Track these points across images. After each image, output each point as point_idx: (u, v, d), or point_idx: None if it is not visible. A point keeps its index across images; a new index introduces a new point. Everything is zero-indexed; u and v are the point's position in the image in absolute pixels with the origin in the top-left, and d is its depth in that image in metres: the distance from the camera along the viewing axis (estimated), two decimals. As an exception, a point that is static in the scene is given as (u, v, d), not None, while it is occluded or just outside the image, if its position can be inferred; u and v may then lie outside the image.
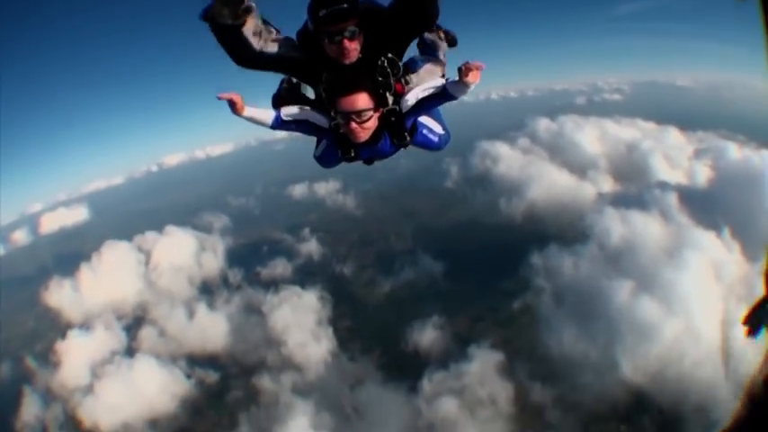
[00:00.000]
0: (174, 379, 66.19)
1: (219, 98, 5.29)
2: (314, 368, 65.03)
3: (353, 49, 5.20)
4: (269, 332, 71.67)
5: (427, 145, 6.51)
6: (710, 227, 67.24)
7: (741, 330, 2.92)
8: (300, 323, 71.69)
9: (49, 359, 72.49)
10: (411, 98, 5.64)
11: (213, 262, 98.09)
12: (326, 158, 6.65)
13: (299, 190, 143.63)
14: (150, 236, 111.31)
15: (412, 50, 6.09)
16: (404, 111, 5.67)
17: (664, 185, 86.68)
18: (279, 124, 5.70)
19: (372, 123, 5.40)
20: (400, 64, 5.61)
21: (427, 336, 65.79)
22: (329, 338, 69.02)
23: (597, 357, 56.08)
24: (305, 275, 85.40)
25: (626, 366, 54.06)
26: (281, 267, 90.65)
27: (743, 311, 2.84)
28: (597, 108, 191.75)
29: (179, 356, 70.68)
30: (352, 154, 5.99)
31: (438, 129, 6.56)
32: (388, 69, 5.50)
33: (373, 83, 5.39)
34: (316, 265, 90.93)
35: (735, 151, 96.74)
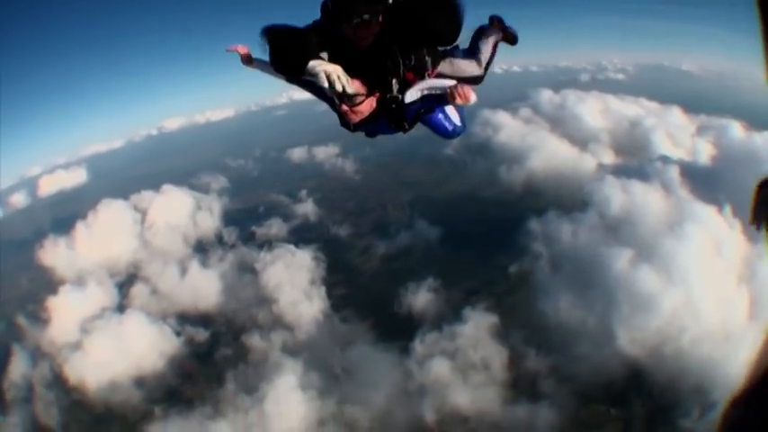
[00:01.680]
0: (163, 337, 65.45)
1: (229, 50, 5.73)
2: (305, 328, 64.07)
3: (368, 35, 5.20)
4: (261, 290, 70.82)
5: (439, 130, 6.49)
6: (712, 202, 65.63)
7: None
8: (293, 281, 70.81)
9: (40, 317, 71.78)
10: (415, 92, 5.57)
11: (209, 221, 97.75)
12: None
13: (297, 154, 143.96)
14: (147, 195, 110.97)
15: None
16: (406, 101, 5.58)
17: (665, 159, 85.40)
18: (290, 80, 5.85)
19: (365, 108, 5.46)
20: (426, 57, 5.62)
21: (421, 298, 64.73)
22: (322, 298, 68.03)
23: (594, 327, 54.76)
24: (300, 236, 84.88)
25: (623, 338, 52.59)
26: (276, 227, 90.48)
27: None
28: (601, 86, 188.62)
29: (170, 314, 69.91)
30: (351, 128, 5.93)
31: (455, 118, 6.51)
32: (399, 58, 5.41)
33: (381, 68, 5.38)
34: (311, 226, 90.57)
35: (738, 130, 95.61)
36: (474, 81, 6.10)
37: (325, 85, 5.15)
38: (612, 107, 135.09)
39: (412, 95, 5.54)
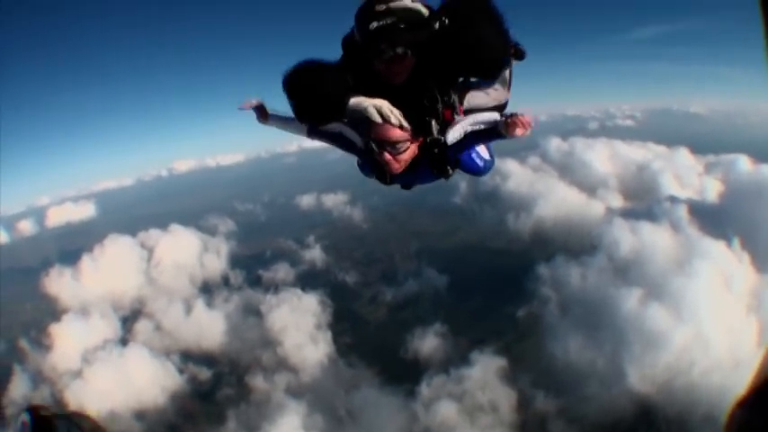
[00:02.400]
0: (166, 373, 64.76)
1: (242, 109, 5.01)
2: (309, 370, 63.18)
3: (402, 71, 4.51)
4: (266, 332, 70.01)
5: (471, 169, 5.72)
6: (720, 237, 65.08)
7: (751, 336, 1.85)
8: (299, 325, 69.96)
9: (42, 343, 71.51)
10: (458, 131, 4.83)
11: (215, 263, 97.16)
12: (368, 170, 5.68)
13: (306, 200, 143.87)
14: (154, 233, 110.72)
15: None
16: (449, 143, 4.83)
17: (674, 199, 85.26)
18: (313, 133, 5.27)
19: (409, 155, 4.74)
20: (453, 93, 4.83)
21: (428, 343, 64.11)
22: (327, 342, 67.33)
23: (603, 367, 53.90)
24: (307, 281, 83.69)
25: (633, 376, 51.59)
26: (283, 272, 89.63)
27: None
28: (610, 133, 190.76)
29: (173, 351, 69.31)
30: (388, 180, 5.24)
31: (485, 154, 5.85)
32: (438, 95, 4.70)
33: (418, 107, 4.68)
34: (319, 272, 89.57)
35: (745, 164, 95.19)
36: (501, 108, 5.22)
37: (378, 119, 4.50)
38: (620, 152, 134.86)
39: (455, 135, 4.81)
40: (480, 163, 5.68)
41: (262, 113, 5.13)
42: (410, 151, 4.70)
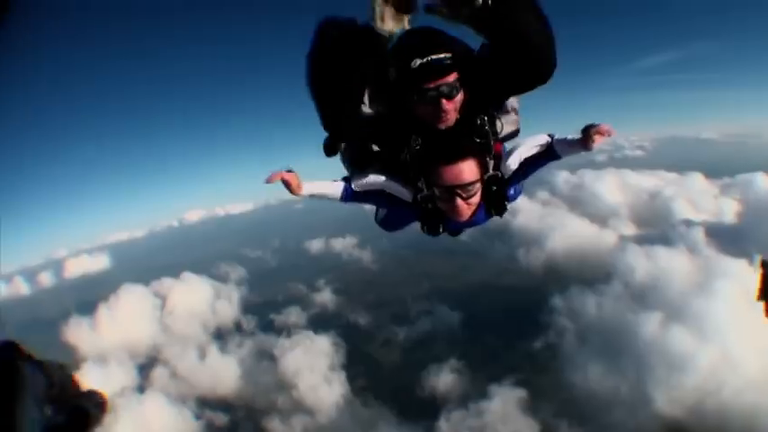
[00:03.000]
0: (183, 419, 64.02)
1: (269, 182, 3.91)
2: (326, 412, 62.01)
3: (453, 109, 3.89)
4: (280, 376, 69.20)
5: (510, 199, 4.88)
6: (742, 256, 62.93)
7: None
8: (312, 367, 69.09)
9: None
10: (514, 161, 4.40)
11: (228, 309, 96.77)
12: (393, 222, 5.57)
13: (316, 245, 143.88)
14: (167, 282, 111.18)
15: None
16: (506, 176, 4.40)
17: (689, 223, 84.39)
18: (350, 196, 4.46)
19: (478, 198, 4.13)
20: (501, 122, 4.34)
21: (444, 379, 62.81)
22: (342, 383, 66.09)
23: (628, 393, 52.20)
24: (319, 324, 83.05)
25: (660, 400, 50.15)
26: (294, 316, 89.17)
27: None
28: (618, 164, 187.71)
29: (189, 398, 68.64)
30: (441, 231, 4.73)
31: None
32: (488, 128, 4.20)
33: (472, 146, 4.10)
34: (330, 314, 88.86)
35: (763, 181, 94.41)
36: (517, 134, 4.73)
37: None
38: (630, 182, 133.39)
39: (511, 167, 4.38)
40: (511, 190, 4.87)
41: (294, 184, 4.08)
42: (479, 194, 4.10)
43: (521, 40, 3.49)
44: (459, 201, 3.97)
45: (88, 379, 65.27)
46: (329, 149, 4.50)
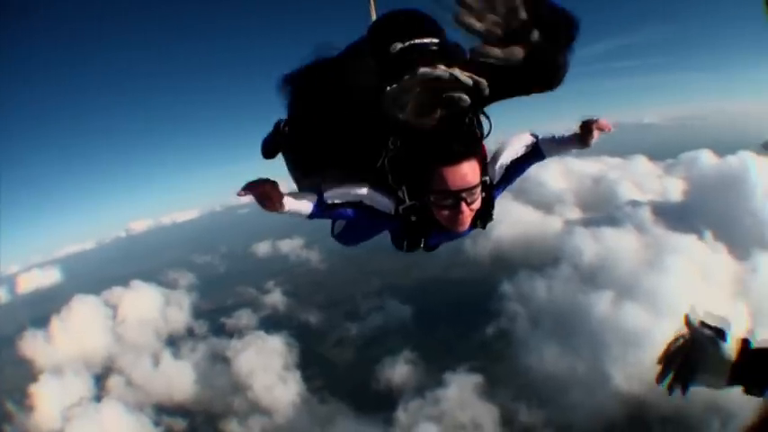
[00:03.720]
0: (141, 427, 63.01)
1: (244, 194, 3.30)
2: (283, 411, 61.27)
3: (475, 202, 3.55)
4: (235, 378, 68.56)
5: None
6: (690, 232, 65.05)
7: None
8: (266, 367, 68.62)
9: (26, 405, 70.14)
10: (501, 165, 4.00)
11: (179, 315, 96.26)
12: (356, 235, 4.93)
13: (262, 248, 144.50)
14: (117, 291, 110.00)
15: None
16: (494, 181, 3.96)
17: (635, 203, 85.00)
18: (320, 211, 3.72)
19: (479, 203, 3.59)
20: (489, 121, 3.69)
21: (399, 371, 62.52)
22: (297, 382, 65.76)
23: (585, 372, 52.25)
24: (270, 325, 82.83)
25: (618, 377, 49.90)
26: (245, 318, 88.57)
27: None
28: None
29: (147, 405, 67.55)
30: (422, 245, 4.16)
31: None
32: (477, 129, 3.60)
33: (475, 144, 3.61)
34: (281, 315, 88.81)
35: (708, 158, 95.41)
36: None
37: None
38: (574, 168, 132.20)
39: (498, 171, 3.91)
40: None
41: (276, 199, 3.37)
42: (480, 199, 3.52)
43: (553, 64, 3.07)
44: (464, 207, 3.41)
45: (47, 390, 67.80)
46: (270, 150, 4.24)
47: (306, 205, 3.58)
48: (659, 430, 45.42)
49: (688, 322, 2.48)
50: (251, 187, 3.22)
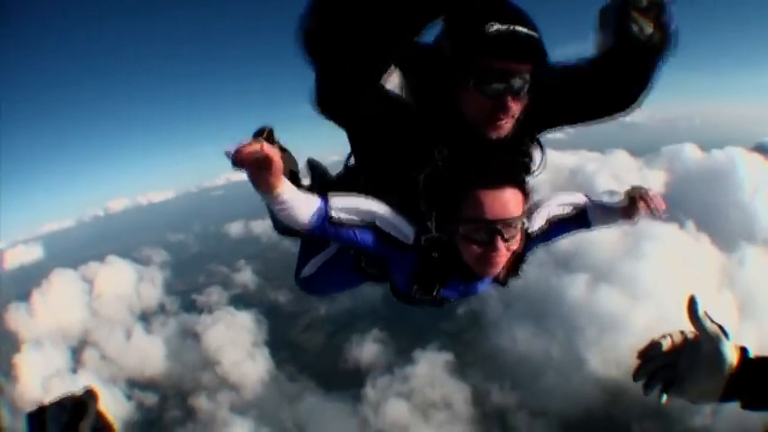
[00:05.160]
0: (115, 400, 61.29)
1: (239, 159, 2.24)
2: (251, 387, 60.62)
3: (513, 115, 2.70)
4: (204, 353, 67.94)
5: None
6: (670, 221, 62.67)
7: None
8: (235, 342, 68.03)
9: (11, 375, 68.84)
10: (544, 215, 3.31)
11: (151, 291, 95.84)
12: (332, 280, 3.94)
13: (235, 228, 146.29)
14: (94, 266, 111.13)
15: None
16: (531, 231, 3.20)
17: (613, 193, 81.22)
18: (322, 224, 2.75)
19: (518, 244, 2.75)
20: (545, 156, 3.17)
21: (368, 350, 61.98)
22: (265, 358, 65.04)
23: (560, 356, 51.27)
24: (240, 302, 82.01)
25: (594, 361, 48.80)
26: (216, 295, 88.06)
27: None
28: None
29: (120, 379, 67.16)
30: (435, 294, 3.13)
31: None
32: (529, 160, 3.12)
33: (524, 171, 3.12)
34: (251, 293, 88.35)
35: (692, 151, 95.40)
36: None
37: None
38: (552, 160, 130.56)
39: (537, 223, 3.18)
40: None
41: (276, 163, 2.32)
42: (520, 237, 2.72)
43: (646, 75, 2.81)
44: (500, 243, 2.55)
45: (28, 361, 69.91)
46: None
47: (306, 206, 2.61)
48: (639, 419, 43.71)
49: (692, 308, 1.96)
50: (245, 154, 2.13)
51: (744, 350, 1.89)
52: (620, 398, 44.44)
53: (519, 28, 2.36)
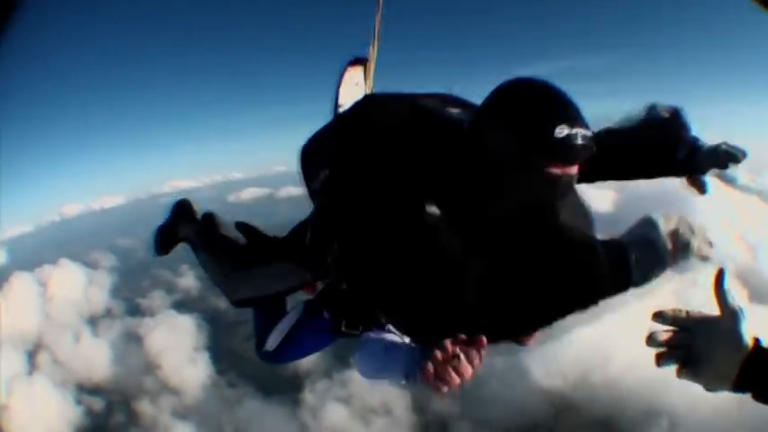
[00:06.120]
0: (66, 405, 61.51)
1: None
2: (192, 392, 60.11)
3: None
4: (146, 357, 67.36)
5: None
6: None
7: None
8: (176, 347, 67.57)
9: None
10: None
11: (99, 295, 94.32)
12: (302, 347, 4.12)
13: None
14: (48, 269, 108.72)
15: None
16: None
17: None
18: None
19: None
20: None
21: (308, 358, 58.88)
22: (206, 363, 64.74)
23: (502, 365, 48.43)
24: (183, 307, 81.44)
25: (537, 371, 48.01)
26: (159, 299, 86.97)
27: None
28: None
29: (70, 383, 65.76)
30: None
31: None
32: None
33: None
34: (193, 298, 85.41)
35: None
36: None
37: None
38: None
39: None
40: None
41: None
42: None
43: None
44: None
45: None
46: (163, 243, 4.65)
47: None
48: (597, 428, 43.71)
49: (719, 281, 1.94)
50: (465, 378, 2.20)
51: (757, 339, 1.85)
52: (566, 412, 44.35)
53: (583, 132, 2.09)
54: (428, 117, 2.53)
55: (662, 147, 3.00)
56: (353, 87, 3.96)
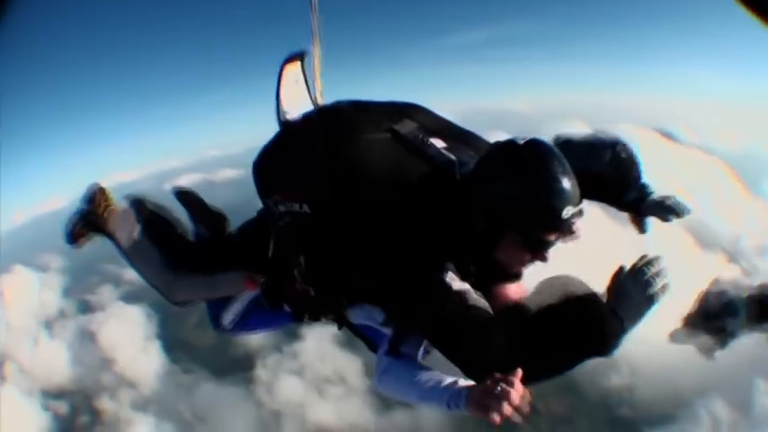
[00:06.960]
0: (34, 412, 60.54)
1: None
2: (148, 382, 59.68)
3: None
4: (101, 353, 66.42)
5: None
6: None
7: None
8: (128, 339, 66.91)
9: None
10: None
11: (52, 297, 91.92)
12: (262, 322, 4.41)
13: None
14: (3, 278, 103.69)
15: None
16: None
17: None
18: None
19: None
20: None
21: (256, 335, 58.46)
22: (159, 353, 64.04)
23: None
24: (131, 298, 77.32)
25: None
26: (107, 293, 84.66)
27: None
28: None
29: (35, 390, 64.77)
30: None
31: None
32: None
33: None
34: (141, 289, 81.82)
35: (579, 129, 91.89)
36: None
37: None
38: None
39: None
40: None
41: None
42: None
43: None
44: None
45: None
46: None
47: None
48: (543, 398, 40.92)
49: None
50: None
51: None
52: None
53: (583, 208, 2.45)
54: (417, 156, 2.68)
55: (613, 185, 3.09)
56: (294, 85, 3.84)
